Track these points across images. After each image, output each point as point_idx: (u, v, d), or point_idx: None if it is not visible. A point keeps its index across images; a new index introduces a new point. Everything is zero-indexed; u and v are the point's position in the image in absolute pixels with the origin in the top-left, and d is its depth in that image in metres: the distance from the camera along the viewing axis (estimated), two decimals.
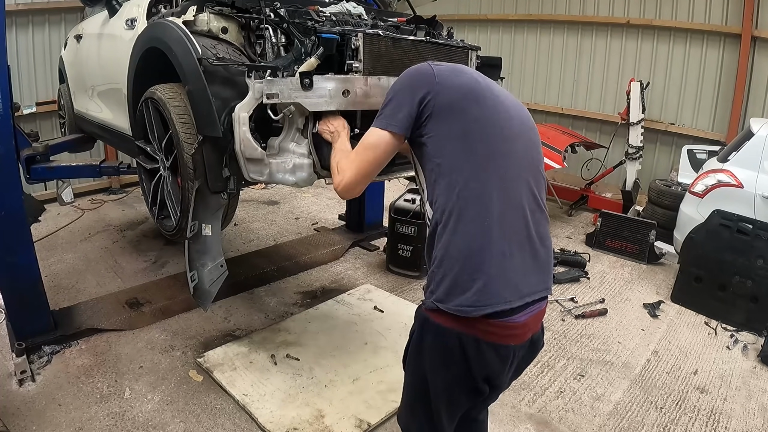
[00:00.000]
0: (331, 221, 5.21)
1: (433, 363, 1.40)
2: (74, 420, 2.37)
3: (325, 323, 3.24)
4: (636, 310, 3.65)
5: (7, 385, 2.59)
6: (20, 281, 2.75)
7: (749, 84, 5.23)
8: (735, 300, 3.48)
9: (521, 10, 6.85)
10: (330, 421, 2.40)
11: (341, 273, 4.08)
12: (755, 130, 3.87)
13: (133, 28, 2.85)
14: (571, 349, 3.13)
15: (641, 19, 5.84)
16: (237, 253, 4.32)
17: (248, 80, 2.02)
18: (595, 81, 6.37)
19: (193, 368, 2.78)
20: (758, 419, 2.59)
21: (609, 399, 2.70)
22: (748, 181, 3.72)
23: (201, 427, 2.38)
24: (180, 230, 2.61)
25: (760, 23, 5.07)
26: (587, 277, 4.11)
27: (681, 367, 3.01)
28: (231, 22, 2.25)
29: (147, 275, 3.88)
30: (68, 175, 4.39)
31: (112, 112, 3.42)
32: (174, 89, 2.41)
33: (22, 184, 2.82)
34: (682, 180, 4.98)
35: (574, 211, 5.78)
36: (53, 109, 5.27)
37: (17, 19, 5.17)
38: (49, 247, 4.33)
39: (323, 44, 2.01)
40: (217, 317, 3.31)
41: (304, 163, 2.12)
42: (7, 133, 2.57)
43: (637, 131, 5.28)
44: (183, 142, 2.29)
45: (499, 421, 2.49)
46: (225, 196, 2.35)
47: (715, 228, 3.62)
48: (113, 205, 5.65)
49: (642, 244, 4.48)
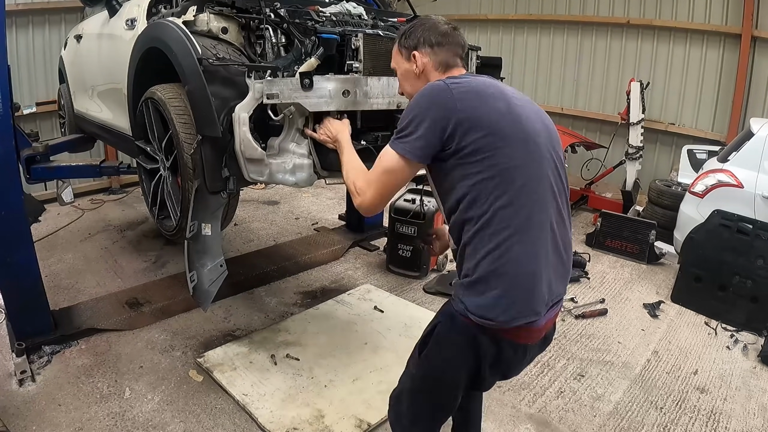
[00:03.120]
0: (331, 221, 5.21)
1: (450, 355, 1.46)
2: (74, 420, 2.37)
3: (325, 323, 3.24)
4: (636, 310, 3.65)
5: (7, 385, 2.59)
6: (20, 281, 2.74)
7: (749, 84, 5.23)
8: (735, 300, 3.48)
9: (521, 10, 6.85)
10: (330, 421, 2.40)
11: (341, 273, 4.08)
12: (755, 130, 3.87)
13: (133, 28, 2.85)
14: (571, 349, 3.13)
15: (641, 19, 5.84)
16: (237, 253, 4.31)
17: (248, 80, 2.02)
18: (595, 81, 6.37)
19: (193, 368, 2.78)
20: (758, 419, 2.59)
21: (609, 399, 2.70)
22: (748, 181, 3.72)
23: (201, 427, 2.38)
24: (180, 230, 2.61)
25: (760, 23, 5.07)
26: (587, 277, 4.11)
27: (681, 367, 3.01)
28: (231, 23, 2.25)
29: (147, 275, 3.88)
30: (68, 175, 4.39)
31: (112, 112, 3.43)
32: (174, 89, 2.42)
33: (22, 184, 2.82)
34: (682, 180, 4.98)
35: (574, 211, 5.78)
36: (53, 109, 5.27)
37: (17, 19, 5.17)
38: (49, 247, 4.33)
39: (323, 44, 2.02)
40: (217, 317, 3.31)
41: (304, 164, 2.12)
42: (7, 133, 2.57)
43: (637, 131, 5.28)
44: (183, 142, 2.29)
45: (499, 421, 2.49)
46: (224, 196, 2.35)
47: (715, 228, 3.62)
48: (113, 205, 5.65)
49: (642, 244, 4.48)
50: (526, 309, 1.36)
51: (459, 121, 1.32)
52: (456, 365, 1.47)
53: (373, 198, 1.48)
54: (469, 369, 1.46)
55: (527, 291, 1.36)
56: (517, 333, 1.40)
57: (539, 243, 1.37)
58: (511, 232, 1.33)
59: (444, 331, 1.48)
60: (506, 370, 1.54)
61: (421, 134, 1.35)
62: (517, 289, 1.35)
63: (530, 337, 1.45)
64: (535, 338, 1.47)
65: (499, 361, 1.45)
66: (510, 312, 1.34)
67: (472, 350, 1.42)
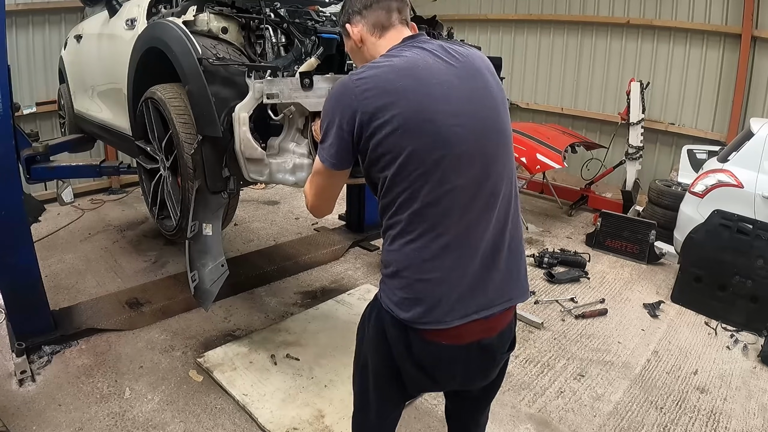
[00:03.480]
0: (331, 221, 5.21)
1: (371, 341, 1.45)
2: (74, 420, 2.37)
3: (325, 323, 3.24)
4: (636, 310, 3.65)
5: (7, 385, 2.59)
6: (20, 281, 2.74)
7: (749, 84, 5.23)
8: (735, 300, 3.48)
9: (521, 10, 6.84)
10: (330, 421, 2.40)
11: (341, 273, 4.08)
12: (755, 130, 3.86)
13: (133, 28, 2.85)
14: (571, 349, 3.13)
15: (641, 19, 5.83)
16: (237, 253, 4.31)
17: (248, 80, 2.02)
18: (596, 81, 6.37)
19: (193, 368, 2.78)
20: (758, 419, 2.59)
21: (609, 399, 2.70)
22: (748, 181, 3.72)
23: (201, 427, 2.38)
24: (180, 230, 2.61)
25: (760, 23, 5.06)
26: (587, 277, 4.11)
27: (681, 367, 3.01)
28: (231, 22, 2.25)
29: (147, 275, 3.88)
30: (68, 175, 4.39)
31: (112, 112, 3.43)
32: (174, 89, 2.42)
33: (22, 184, 2.82)
34: (682, 180, 4.97)
35: (574, 211, 5.78)
36: (53, 109, 5.27)
37: (17, 19, 5.17)
38: (49, 247, 4.33)
39: (323, 44, 2.02)
40: (217, 317, 3.31)
41: (304, 163, 2.13)
42: (7, 133, 2.57)
43: (637, 131, 5.28)
44: (183, 142, 2.29)
45: (499, 421, 2.49)
46: (225, 196, 2.36)
47: (715, 228, 3.61)
48: (113, 205, 5.65)
49: (642, 244, 4.47)
50: (428, 315, 1.27)
51: (362, 123, 1.22)
52: (372, 349, 1.44)
53: (312, 201, 1.44)
54: (383, 356, 1.40)
55: (432, 298, 1.27)
56: (423, 331, 1.31)
57: (452, 250, 1.26)
58: (420, 237, 1.25)
59: (367, 312, 1.48)
60: (431, 370, 1.38)
61: (332, 141, 1.28)
62: (421, 294, 1.28)
63: (441, 337, 1.31)
64: (449, 340, 1.32)
65: (411, 353, 1.34)
66: (413, 313, 1.28)
67: (384, 334, 1.37)
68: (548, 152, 4.92)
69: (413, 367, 1.37)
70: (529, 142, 5.03)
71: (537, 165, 4.90)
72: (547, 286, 3.98)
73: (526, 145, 4.97)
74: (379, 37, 1.38)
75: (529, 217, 5.51)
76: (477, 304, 1.31)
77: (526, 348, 3.12)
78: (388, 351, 1.38)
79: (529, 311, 3.50)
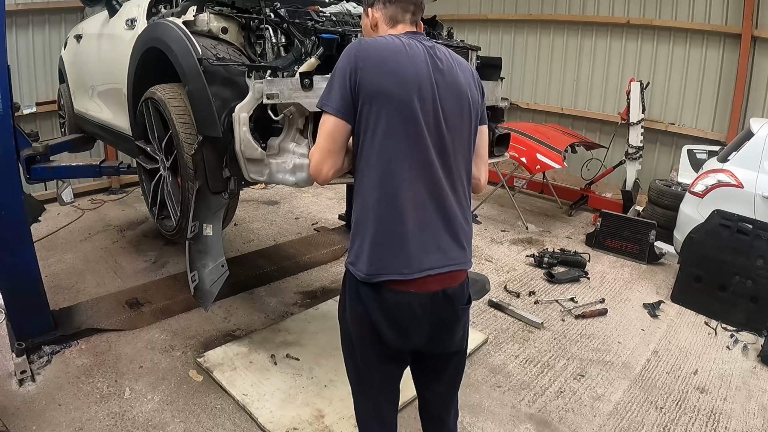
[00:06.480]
0: (331, 221, 5.21)
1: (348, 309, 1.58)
2: (74, 420, 2.37)
3: (325, 323, 3.24)
4: (636, 310, 3.65)
5: (7, 385, 2.59)
6: (20, 281, 2.74)
7: (749, 84, 5.23)
8: (735, 300, 3.48)
9: (521, 10, 6.85)
10: (330, 421, 2.40)
11: (341, 273, 4.05)
12: (755, 130, 3.87)
13: (133, 28, 2.85)
14: (571, 349, 3.13)
15: (641, 19, 5.84)
16: (237, 253, 4.32)
17: (248, 80, 2.02)
18: (596, 81, 6.38)
19: (193, 368, 2.78)
20: (758, 419, 2.59)
21: (609, 399, 2.70)
22: (748, 181, 3.72)
23: (201, 427, 2.38)
24: (180, 230, 2.61)
25: (760, 23, 5.07)
26: (587, 277, 4.11)
27: (681, 367, 3.01)
28: (231, 23, 2.25)
29: (147, 275, 3.88)
30: (68, 175, 4.39)
31: (112, 112, 3.43)
32: (174, 89, 2.42)
33: (22, 184, 2.82)
34: (682, 180, 4.98)
35: (574, 211, 5.78)
36: (53, 109, 5.27)
37: (17, 19, 5.18)
38: (49, 247, 4.33)
39: (323, 44, 2.01)
40: (217, 317, 3.31)
41: (304, 164, 2.12)
42: (7, 133, 2.57)
43: (637, 131, 5.28)
44: (183, 143, 2.29)
45: (499, 421, 2.49)
46: (226, 196, 2.35)
47: (715, 228, 3.62)
48: (113, 205, 5.65)
49: (642, 244, 4.48)
50: (390, 267, 1.45)
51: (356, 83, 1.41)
52: (353, 318, 1.56)
53: (314, 159, 1.51)
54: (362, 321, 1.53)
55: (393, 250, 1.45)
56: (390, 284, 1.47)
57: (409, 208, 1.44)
58: (381, 196, 1.44)
59: (343, 285, 1.62)
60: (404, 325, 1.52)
61: (335, 87, 1.45)
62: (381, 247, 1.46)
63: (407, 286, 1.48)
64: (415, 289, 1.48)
65: (384, 308, 1.49)
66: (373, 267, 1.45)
67: (360, 298, 1.51)
68: (548, 152, 4.92)
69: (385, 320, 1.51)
70: (529, 142, 5.03)
71: (537, 165, 4.90)
72: (547, 286, 3.98)
73: (526, 145, 4.97)
74: (390, 27, 1.61)
75: (529, 217, 5.51)
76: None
77: (526, 348, 3.12)
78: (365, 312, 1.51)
79: (529, 311, 3.50)
